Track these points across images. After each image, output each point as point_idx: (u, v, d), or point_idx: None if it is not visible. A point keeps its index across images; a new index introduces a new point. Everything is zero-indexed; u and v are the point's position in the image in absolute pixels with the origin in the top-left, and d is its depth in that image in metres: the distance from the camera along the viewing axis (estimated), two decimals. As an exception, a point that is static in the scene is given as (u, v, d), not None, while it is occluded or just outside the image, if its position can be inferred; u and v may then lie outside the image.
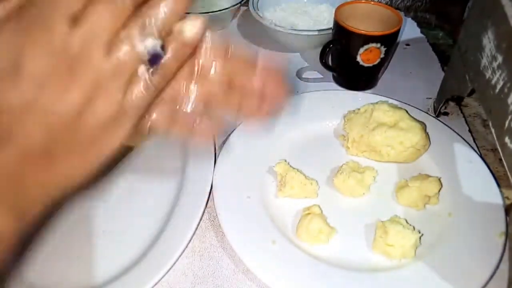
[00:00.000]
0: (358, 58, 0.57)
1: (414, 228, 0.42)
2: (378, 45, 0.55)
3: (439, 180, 0.46)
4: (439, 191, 0.45)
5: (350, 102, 0.55)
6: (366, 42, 0.55)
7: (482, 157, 0.50)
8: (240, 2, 0.70)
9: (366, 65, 0.57)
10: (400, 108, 0.51)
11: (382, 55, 0.57)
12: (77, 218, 0.45)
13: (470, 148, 0.50)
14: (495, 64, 0.41)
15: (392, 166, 0.50)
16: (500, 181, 0.47)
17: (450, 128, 0.53)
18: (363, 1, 0.60)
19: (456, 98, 0.59)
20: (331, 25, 0.59)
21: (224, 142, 0.51)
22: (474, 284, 0.38)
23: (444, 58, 0.68)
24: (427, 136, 0.50)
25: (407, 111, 0.51)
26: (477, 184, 0.46)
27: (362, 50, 0.56)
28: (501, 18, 0.40)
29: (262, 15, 0.68)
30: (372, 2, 0.60)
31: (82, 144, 0.22)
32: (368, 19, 0.59)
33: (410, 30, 0.74)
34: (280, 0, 0.73)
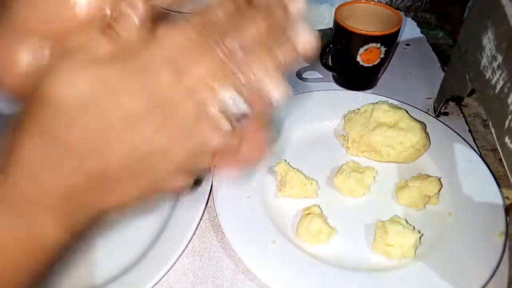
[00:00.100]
0: (358, 58, 0.57)
1: (414, 228, 0.42)
2: (378, 45, 0.55)
3: (439, 180, 0.46)
4: (439, 191, 0.45)
5: (350, 102, 0.55)
6: (366, 42, 0.55)
7: (482, 157, 0.50)
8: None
9: (366, 65, 0.57)
10: (400, 108, 0.51)
11: (382, 55, 0.57)
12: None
13: (470, 148, 0.50)
14: (495, 64, 0.41)
15: (392, 166, 0.50)
16: (500, 181, 0.47)
17: (450, 128, 0.53)
18: (363, 1, 0.60)
19: (456, 98, 0.59)
20: (331, 25, 0.59)
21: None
22: (474, 284, 0.38)
23: (444, 58, 0.68)
24: (427, 136, 0.50)
25: (407, 111, 0.51)
26: (477, 184, 0.46)
27: (362, 50, 0.56)
28: (501, 18, 0.40)
29: (262, 15, 0.68)
30: (372, 2, 0.60)
31: (152, 182, 0.22)
32: (368, 19, 0.59)
33: (410, 30, 0.73)
34: (280, 0, 0.73)
